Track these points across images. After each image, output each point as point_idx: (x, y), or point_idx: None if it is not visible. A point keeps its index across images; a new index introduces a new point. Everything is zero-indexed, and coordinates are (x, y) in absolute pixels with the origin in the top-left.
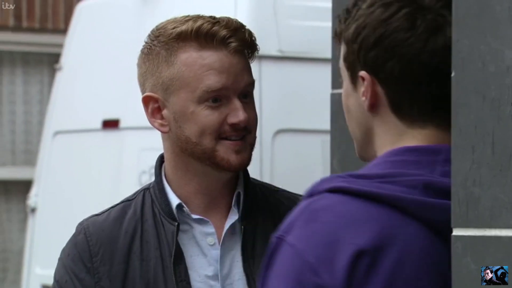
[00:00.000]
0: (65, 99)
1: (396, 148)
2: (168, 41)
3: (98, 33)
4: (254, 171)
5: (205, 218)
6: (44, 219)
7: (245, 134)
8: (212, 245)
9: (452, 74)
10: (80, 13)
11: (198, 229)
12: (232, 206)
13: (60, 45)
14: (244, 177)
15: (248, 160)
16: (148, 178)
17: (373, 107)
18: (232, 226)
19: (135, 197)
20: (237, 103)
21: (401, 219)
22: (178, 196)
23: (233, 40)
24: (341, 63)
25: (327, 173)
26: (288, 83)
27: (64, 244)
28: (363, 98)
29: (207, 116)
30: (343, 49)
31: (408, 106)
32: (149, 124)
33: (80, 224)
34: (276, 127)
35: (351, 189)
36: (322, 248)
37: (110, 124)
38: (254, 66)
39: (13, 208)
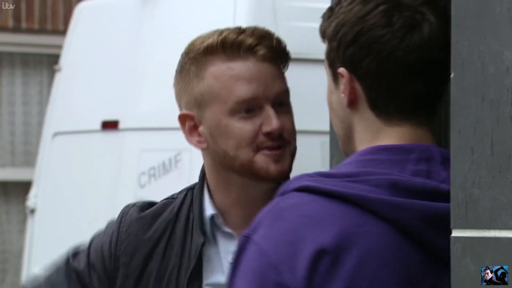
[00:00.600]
0: (65, 100)
1: (369, 147)
2: (196, 56)
3: (98, 34)
4: None
5: (234, 234)
6: (44, 220)
7: (283, 144)
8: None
9: (452, 75)
10: (79, 14)
11: (224, 244)
12: None
13: (60, 46)
14: None
15: (288, 170)
16: (147, 179)
17: (352, 103)
18: None
19: (178, 196)
20: (270, 111)
21: (366, 218)
22: (218, 207)
23: (260, 48)
24: (325, 60)
25: None
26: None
27: (62, 245)
28: (343, 95)
29: (241, 128)
30: (326, 46)
31: (384, 103)
32: (148, 125)
33: (126, 206)
34: None
35: (318, 188)
36: (285, 246)
37: (110, 125)
38: None
39: (13, 209)
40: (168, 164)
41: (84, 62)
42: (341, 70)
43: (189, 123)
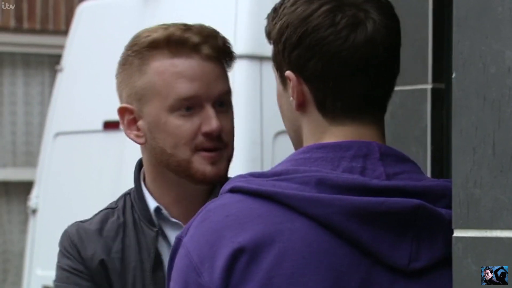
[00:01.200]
0: (66, 100)
1: (306, 146)
2: (140, 49)
3: (99, 34)
4: None
5: (182, 224)
6: (45, 220)
7: (220, 147)
8: None
9: (453, 75)
10: (81, 14)
11: (174, 236)
12: None
13: (61, 46)
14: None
15: (224, 172)
16: None
17: (301, 106)
18: None
19: (117, 204)
20: (210, 111)
21: (289, 215)
22: (158, 202)
23: (205, 47)
24: (272, 63)
25: None
26: None
27: None
28: (291, 98)
29: (180, 126)
30: (272, 49)
31: (331, 103)
32: None
33: (65, 231)
34: (277, 128)
35: (245, 188)
36: (205, 247)
37: (111, 125)
38: (254, 67)
39: (14, 209)
40: None
41: (86, 62)
42: (288, 73)
43: (128, 117)
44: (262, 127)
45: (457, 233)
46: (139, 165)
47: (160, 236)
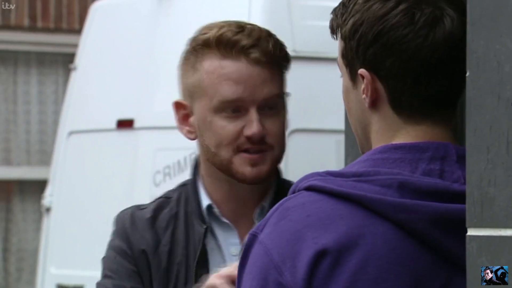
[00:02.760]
0: (80, 99)
1: (382, 145)
2: (196, 46)
3: (113, 33)
4: None
5: (233, 226)
6: (59, 218)
7: (264, 149)
8: (234, 256)
9: (467, 74)
10: (94, 13)
11: (223, 236)
12: (255, 220)
13: (75, 45)
14: (276, 188)
15: (266, 174)
16: (162, 178)
17: (374, 103)
18: None
19: (173, 195)
20: (253, 115)
21: (371, 219)
22: (211, 198)
23: (254, 51)
24: (339, 59)
25: None
26: (302, 83)
27: (78, 244)
28: (364, 96)
29: (224, 127)
30: (340, 45)
31: (407, 102)
32: (164, 124)
33: (121, 212)
34: (291, 127)
35: (324, 188)
36: (287, 246)
37: (125, 124)
38: None
39: (28, 208)
40: (183, 163)
41: (99, 61)
42: (362, 71)
43: (182, 112)
44: None
45: (471, 232)
46: (197, 160)
47: (209, 233)
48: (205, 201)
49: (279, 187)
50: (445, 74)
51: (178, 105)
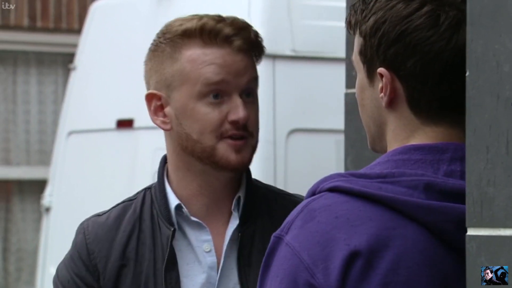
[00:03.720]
0: (79, 98)
1: (402, 146)
2: (173, 38)
3: (112, 33)
4: (268, 170)
5: (203, 223)
6: (59, 218)
7: (246, 136)
8: (207, 252)
9: (467, 74)
10: (94, 13)
11: (194, 235)
12: (232, 211)
13: (75, 45)
14: (246, 180)
15: (248, 161)
16: None
17: (391, 103)
18: (232, 232)
19: (136, 197)
20: (237, 100)
21: (399, 220)
22: (179, 198)
23: (237, 39)
24: (356, 56)
25: None
26: (301, 83)
27: None
28: (381, 94)
29: (208, 113)
30: (359, 41)
31: (427, 103)
32: None
33: (81, 224)
34: (290, 126)
35: (350, 189)
36: (318, 248)
37: (124, 124)
38: (267, 66)
39: (28, 207)
40: None
41: (99, 61)
42: (381, 70)
43: (155, 103)
44: (275, 125)
45: (470, 232)
46: (164, 160)
47: (179, 234)
48: (173, 201)
49: (248, 175)
50: (462, 77)
51: (150, 96)
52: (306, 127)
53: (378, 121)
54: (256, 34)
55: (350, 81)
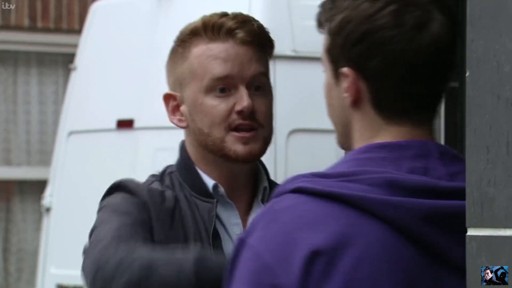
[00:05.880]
0: (80, 99)
1: (365, 145)
2: (183, 38)
3: (113, 33)
4: (268, 170)
5: (233, 204)
6: (59, 219)
7: (255, 126)
8: (238, 235)
9: (467, 74)
10: (94, 13)
11: (226, 217)
12: (259, 200)
13: (75, 45)
14: (265, 171)
15: (258, 152)
16: None
17: (355, 103)
18: None
19: (164, 181)
20: (242, 91)
21: (362, 218)
22: (213, 179)
23: (240, 31)
24: (323, 54)
25: None
26: (302, 83)
27: (78, 244)
28: (346, 94)
29: (215, 106)
30: (326, 40)
31: (390, 103)
32: (164, 124)
33: (115, 183)
34: (291, 126)
35: (313, 189)
36: (280, 248)
37: (125, 124)
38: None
39: (28, 208)
40: None
41: (99, 61)
42: (346, 70)
43: (172, 103)
44: (275, 125)
45: (470, 232)
46: (183, 145)
47: (215, 211)
48: (209, 181)
49: (266, 171)
50: (430, 78)
51: (167, 97)
52: (307, 127)
53: (344, 120)
54: (260, 26)
55: None
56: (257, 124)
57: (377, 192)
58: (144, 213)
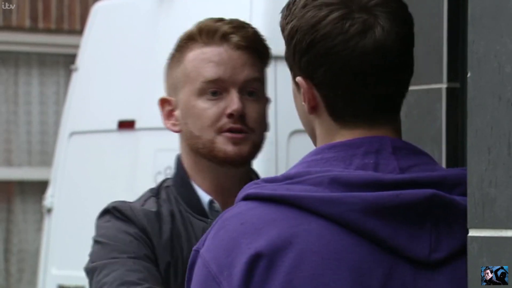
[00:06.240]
0: (81, 100)
1: (317, 147)
2: (180, 43)
3: (114, 34)
4: (269, 171)
5: None
6: (60, 219)
7: (246, 130)
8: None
9: (468, 75)
10: (95, 13)
11: None
12: None
13: (76, 46)
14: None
15: (247, 154)
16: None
17: (313, 109)
18: None
19: (158, 193)
20: (234, 95)
21: (303, 218)
22: (208, 194)
23: (234, 36)
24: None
25: None
26: None
27: (79, 244)
28: (303, 103)
29: (206, 109)
30: (285, 47)
31: (342, 109)
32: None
33: (115, 203)
34: (291, 127)
35: (260, 194)
36: (223, 256)
37: (126, 125)
38: (269, 67)
39: (29, 208)
40: None
41: (101, 62)
42: (298, 79)
43: (167, 107)
44: (276, 126)
45: (472, 233)
46: (179, 158)
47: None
48: (204, 196)
49: (257, 175)
50: (377, 82)
51: (163, 102)
52: None
53: (309, 125)
54: (256, 32)
55: None
56: (247, 128)
57: (319, 190)
58: (145, 245)
